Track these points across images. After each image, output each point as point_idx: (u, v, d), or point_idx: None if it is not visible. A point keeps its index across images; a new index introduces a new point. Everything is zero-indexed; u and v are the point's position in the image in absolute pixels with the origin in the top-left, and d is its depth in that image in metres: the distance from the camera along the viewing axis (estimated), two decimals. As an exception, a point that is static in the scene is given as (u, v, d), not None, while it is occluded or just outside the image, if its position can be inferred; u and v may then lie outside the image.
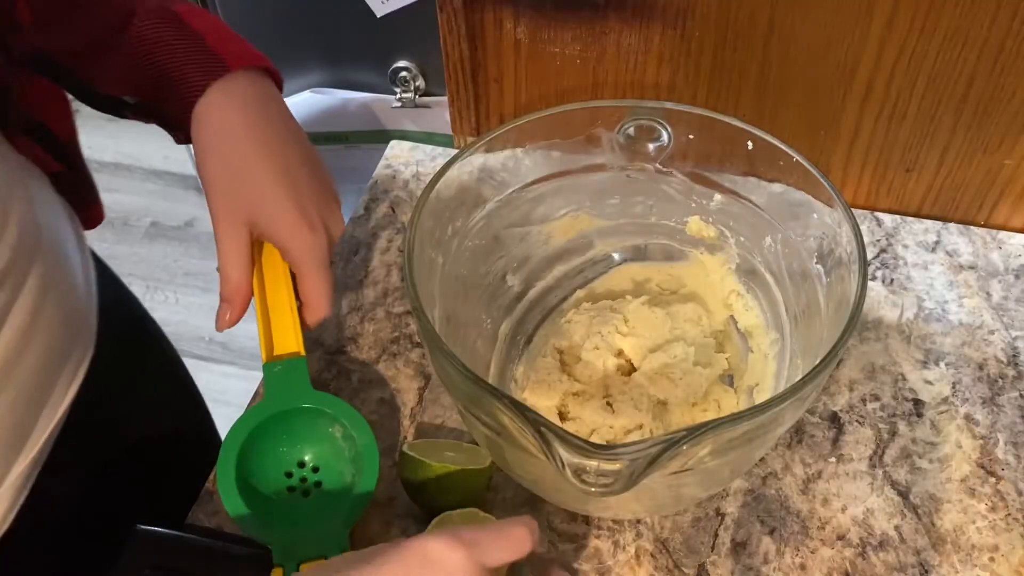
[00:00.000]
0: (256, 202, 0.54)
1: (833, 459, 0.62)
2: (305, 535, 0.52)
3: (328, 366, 0.68)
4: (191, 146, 0.56)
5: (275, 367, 0.56)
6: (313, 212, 0.55)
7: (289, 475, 0.56)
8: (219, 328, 0.55)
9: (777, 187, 0.58)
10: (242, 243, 0.54)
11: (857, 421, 0.64)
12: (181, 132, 0.57)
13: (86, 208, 0.65)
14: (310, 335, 0.70)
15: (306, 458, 0.56)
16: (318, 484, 0.56)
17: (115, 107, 0.59)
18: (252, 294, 0.56)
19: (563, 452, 0.42)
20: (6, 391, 0.51)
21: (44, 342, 0.54)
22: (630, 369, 0.63)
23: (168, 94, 0.55)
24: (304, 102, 0.93)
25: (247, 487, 0.53)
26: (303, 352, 0.57)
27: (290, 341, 0.57)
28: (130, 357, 0.70)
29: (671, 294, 0.67)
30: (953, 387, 0.66)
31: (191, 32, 0.55)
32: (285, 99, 0.94)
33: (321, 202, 0.56)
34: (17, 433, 0.53)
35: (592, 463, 0.42)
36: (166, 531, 0.54)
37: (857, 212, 0.78)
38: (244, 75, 0.55)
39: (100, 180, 0.68)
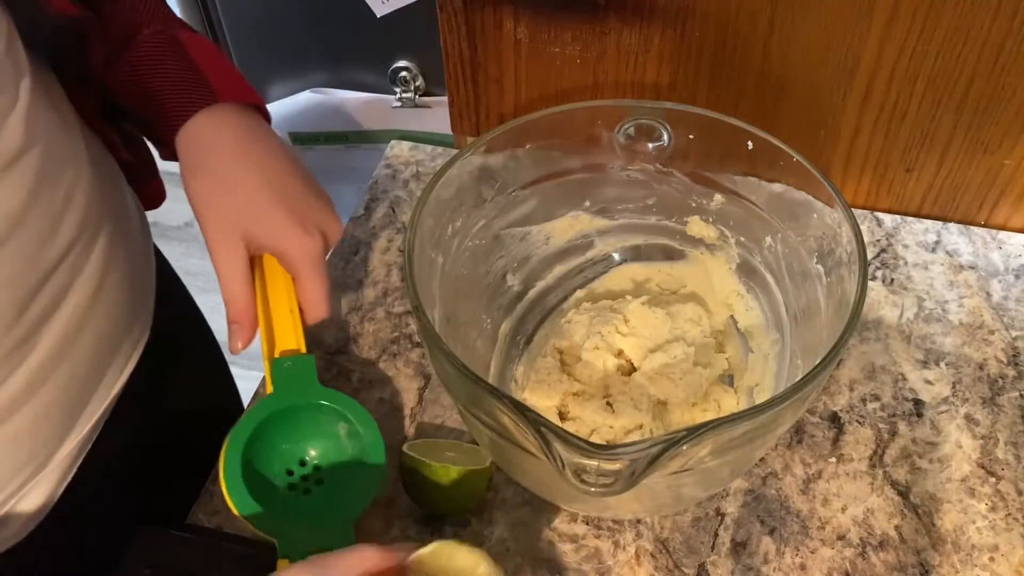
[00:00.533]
0: (249, 213, 0.54)
1: (833, 459, 0.62)
2: (309, 530, 0.52)
3: (328, 366, 0.68)
4: None
5: (284, 363, 0.56)
6: (307, 216, 0.55)
7: (290, 473, 0.56)
8: (234, 351, 0.56)
9: (777, 187, 0.58)
10: (240, 260, 0.54)
11: (857, 421, 0.64)
12: (168, 149, 0.57)
13: (147, 188, 0.66)
14: (310, 335, 0.70)
15: (308, 456, 0.56)
16: (319, 482, 0.56)
17: (114, 114, 0.60)
18: (256, 317, 0.56)
19: (563, 452, 0.42)
20: (63, 367, 0.52)
21: (104, 320, 0.55)
22: (630, 369, 0.62)
23: (156, 114, 0.55)
24: (304, 102, 0.93)
25: (249, 482, 0.53)
26: (304, 350, 0.57)
27: (291, 340, 0.57)
28: (182, 343, 0.71)
29: (671, 294, 0.67)
30: (953, 387, 0.66)
31: (189, 61, 0.56)
32: (285, 99, 0.95)
33: (315, 207, 0.56)
34: (71, 410, 0.54)
35: (592, 463, 0.42)
36: (166, 531, 0.54)
37: (857, 212, 0.78)
38: (233, 107, 0.56)
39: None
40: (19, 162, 0.46)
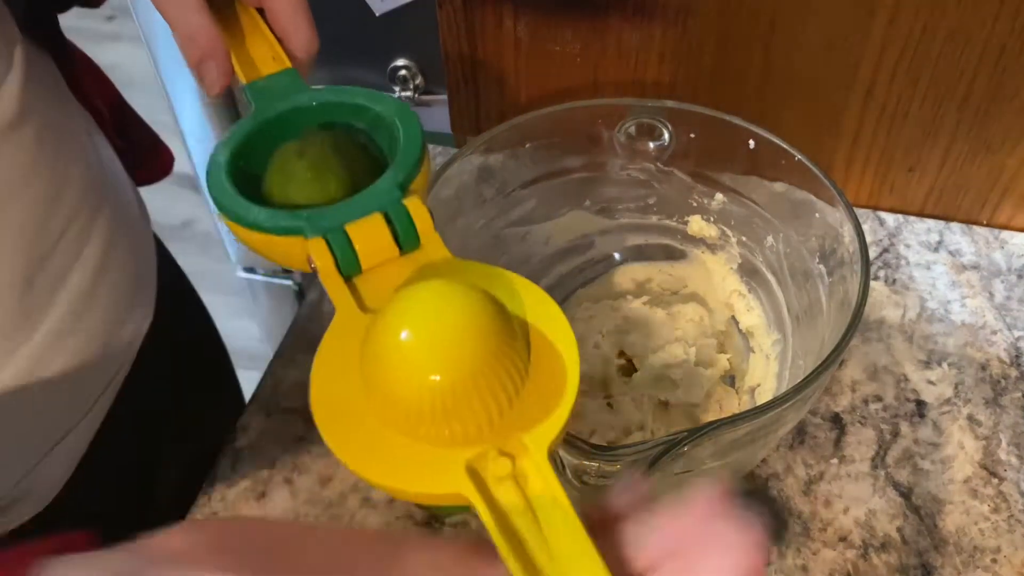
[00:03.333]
0: None
1: (835, 460, 0.62)
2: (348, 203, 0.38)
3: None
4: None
5: (259, 83, 0.45)
6: None
7: None
8: (213, 92, 0.46)
9: (779, 186, 0.58)
10: None
11: (859, 422, 0.64)
12: None
13: (147, 161, 0.64)
14: (309, 334, 0.69)
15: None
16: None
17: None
18: (227, 47, 0.44)
19: (563, 453, 0.42)
20: (75, 335, 0.50)
21: (110, 296, 0.53)
22: (631, 369, 0.62)
23: None
24: (303, 101, 0.93)
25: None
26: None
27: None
28: (184, 328, 0.70)
29: (672, 294, 0.67)
30: (956, 388, 0.66)
31: None
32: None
33: None
34: (82, 388, 0.53)
35: (593, 464, 0.42)
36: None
37: (859, 211, 0.78)
38: None
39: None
40: (17, 131, 0.45)
